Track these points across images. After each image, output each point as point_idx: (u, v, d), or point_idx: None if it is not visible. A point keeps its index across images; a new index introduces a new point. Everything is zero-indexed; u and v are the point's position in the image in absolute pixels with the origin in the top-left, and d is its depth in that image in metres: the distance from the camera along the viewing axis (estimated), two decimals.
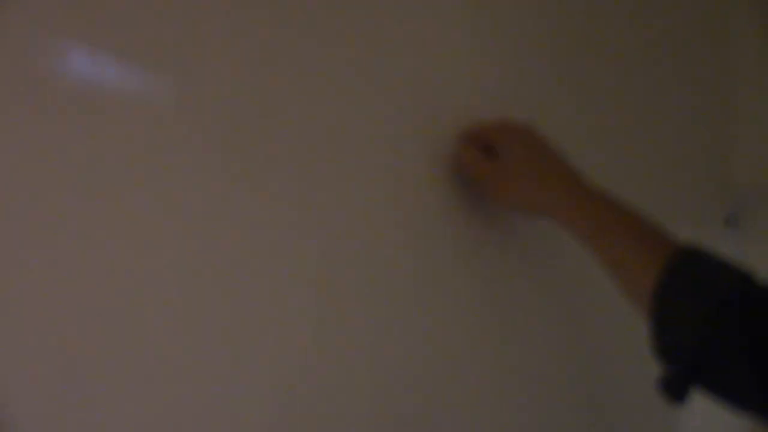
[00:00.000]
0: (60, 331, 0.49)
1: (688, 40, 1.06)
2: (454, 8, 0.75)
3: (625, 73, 0.95)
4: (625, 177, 0.93)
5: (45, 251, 0.49)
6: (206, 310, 0.56)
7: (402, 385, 0.69)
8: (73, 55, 0.51)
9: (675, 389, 0.58)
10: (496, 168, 0.70)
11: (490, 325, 0.77)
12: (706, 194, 1.08)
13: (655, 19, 0.99)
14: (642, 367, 0.67)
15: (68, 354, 0.50)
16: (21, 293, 0.48)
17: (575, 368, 0.87)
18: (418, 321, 0.71)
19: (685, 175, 1.03)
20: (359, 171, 0.67)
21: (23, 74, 0.48)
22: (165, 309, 0.54)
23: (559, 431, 0.83)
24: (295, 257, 0.62)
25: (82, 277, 0.50)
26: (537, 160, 0.70)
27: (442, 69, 0.74)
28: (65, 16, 0.50)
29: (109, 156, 0.52)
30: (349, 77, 0.67)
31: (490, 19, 0.79)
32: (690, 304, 0.57)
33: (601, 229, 0.65)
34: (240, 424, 0.58)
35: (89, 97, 0.51)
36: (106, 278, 0.51)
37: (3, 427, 0.47)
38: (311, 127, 0.63)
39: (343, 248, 0.65)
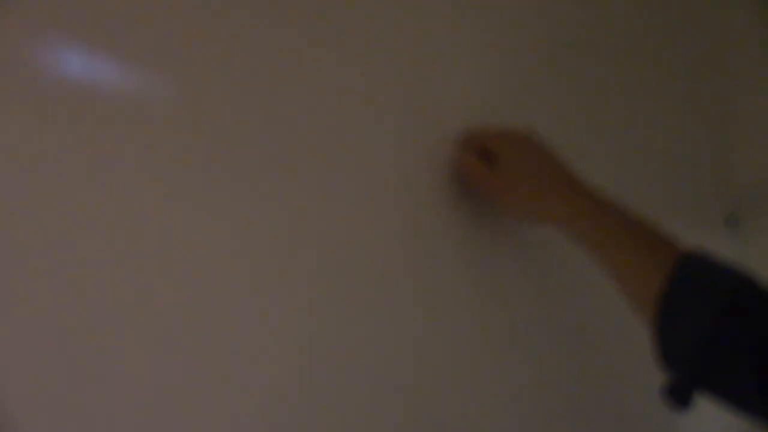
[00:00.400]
0: (59, 332, 0.49)
1: (688, 39, 1.06)
2: (453, 14, 0.75)
3: (624, 73, 0.95)
4: (624, 177, 0.93)
5: (44, 251, 0.49)
6: (205, 311, 0.56)
7: (401, 392, 0.69)
8: (72, 56, 0.51)
9: (679, 395, 0.58)
10: (497, 175, 0.69)
11: (491, 332, 0.77)
12: (706, 194, 1.08)
13: (655, 18, 0.99)
14: (643, 373, 0.67)
15: (68, 354, 0.50)
16: (20, 294, 0.48)
17: (576, 375, 0.87)
18: (418, 326, 0.71)
19: (685, 175, 1.03)
20: (358, 174, 0.67)
21: (22, 74, 0.49)
22: (164, 310, 0.54)
23: None
24: (293, 260, 0.62)
25: (81, 277, 0.51)
26: (537, 167, 0.69)
27: (441, 74, 0.74)
28: (64, 17, 0.50)
29: (108, 156, 0.52)
30: (349, 80, 0.67)
31: (486, 22, 0.79)
32: (693, 310, 0.57)
33: (603, 235, 0.65)
34: (240, 424, 0.58)
35: (89, 98, 0.51)
36: (105, 278, 0.51)
37: (3, 427, 0.47)
38: (311, 129, 0.63)
39: (342, 253, 0.65)
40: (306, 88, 0.63)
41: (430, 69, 0.73)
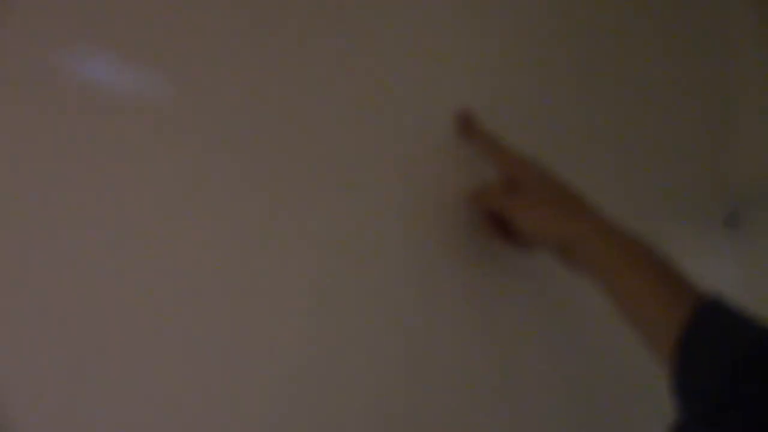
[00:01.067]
0: (61, 330, 0.49)
1: (688, 39, 1.06)
2: (457, 16, 0.76)
3: (624, 72, 0.95)
4: (624, 177, 0.93)
5: (45, 250, 0.49)
6: (205, 311, 0.56)
7: (398, 400, 0.69)
8: (72, 55, 0.51)
9: None
10: (520, 197, 0.69)
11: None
12: (705, 194, 1.08)
13: (654, 18, 0.99)
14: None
15: (69, 354, 0.50)
16: (22, 292, 0.48)
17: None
18: (417, 333, 0.70)
19: (684, 174, 1.03)
20: (362, 176, 0.67)
21: (23, 74, 0.49)
22: (166, 309, 0.54)
23: None
24: (295, 261, 0.62)
25: (82, 277, 0.51)
26: (560, 192, 0.69)
27: (444, 76, 0.74)
28: (65, 16, 0.50)
29: (109, 156, 0.52)
30: (352, 81, 0.67)
31: (485, 23, 0.79)
32: (712, 358, 0.57)
33: (624, 265, 0.64)
34: (239, 424, 0.58)
35: (89, 97, 0.51)
36: (105, 277, 0.52)
37: (4, 427, 0.47)
38: (314, 131, 0.63)
39: (343, 256, 0.65)
40: (308, 90, 0.63)
41: (433, 71, 0.73)
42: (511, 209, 0.70)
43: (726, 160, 1.12)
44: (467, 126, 0.74)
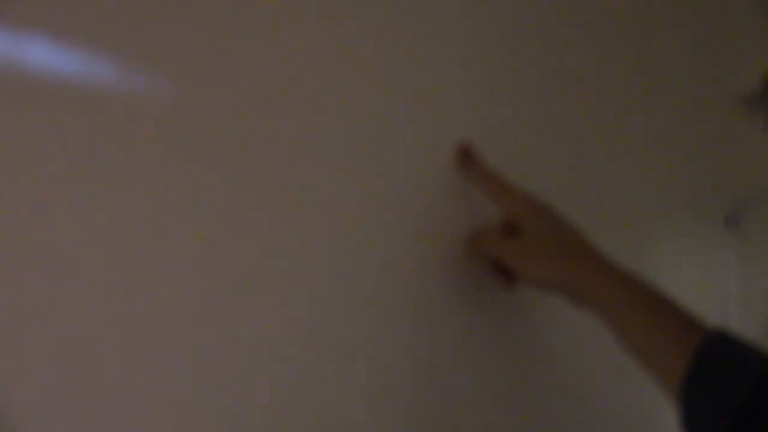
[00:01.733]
0: (60, 332, 0.49)
1: (687, 36, 1.06)
2: (454, 22, 0.76)
3: (625, 74, 0.95)
4: (625, 177, 0.93)
5: (45, 252, 0.49)
6: (204, 313, 0.56)
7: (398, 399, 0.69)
8: (72, 55, 0.51)
9: None
10: (522, 244, 0.68)
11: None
12: (706, 194, 1.08)
13: (655, 18, 1.00)
14: None
15: (69, 356, 0.50)
16: (21, 295, 0.48)
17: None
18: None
19: (685, 174, 1.03)
20: (363, 179, 0.67)
21: (22, 73, 0.49)
22: (164, 309, 0.54)
23: None
24: (293, 263, 0.62)
25: (81, 278, 0.51)
26: (562, 234, 0.68)
27: (443, 85, 0.74)
28: (64, 15, 0.50)
29: (108, 156, 0.52)
30: (353, 84, 0.66)
31: (483, 28, 0.79)
32: (719, 393, 0.57)
33: (628, 306, 0.64)
34: (239, 425, 0.58)
35: (88, 97, 0.51)
36: (105, 279, 0.52)
37: (4, 428, 0.47)
38: (313, 133, 0.63)
39: (341, 261, 0.65)
40: (309, 92, 0.63)
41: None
42: (512, 257, 0.68)
43: (726, 160, 1.12)
44: (467, 160, 0.72)
